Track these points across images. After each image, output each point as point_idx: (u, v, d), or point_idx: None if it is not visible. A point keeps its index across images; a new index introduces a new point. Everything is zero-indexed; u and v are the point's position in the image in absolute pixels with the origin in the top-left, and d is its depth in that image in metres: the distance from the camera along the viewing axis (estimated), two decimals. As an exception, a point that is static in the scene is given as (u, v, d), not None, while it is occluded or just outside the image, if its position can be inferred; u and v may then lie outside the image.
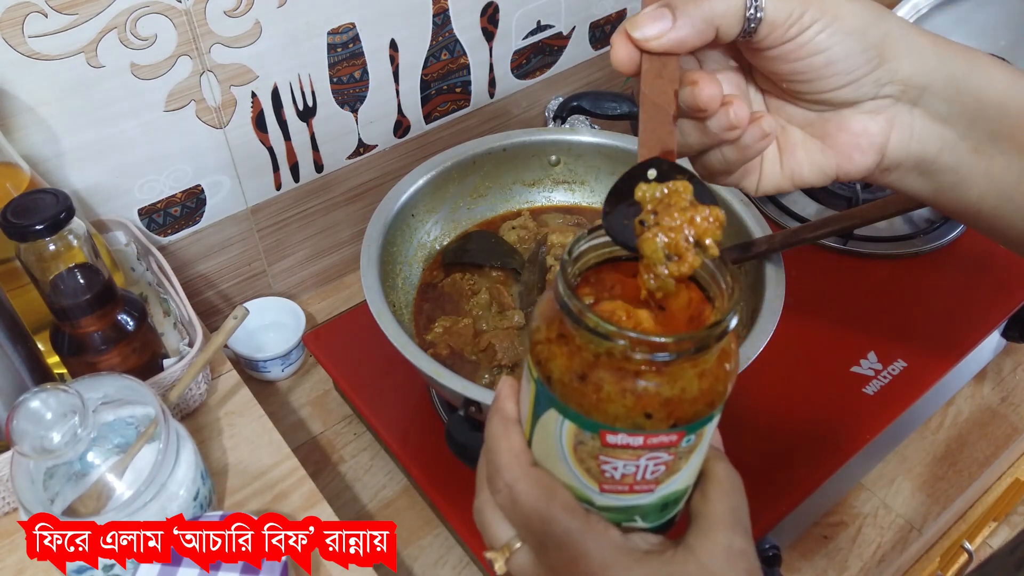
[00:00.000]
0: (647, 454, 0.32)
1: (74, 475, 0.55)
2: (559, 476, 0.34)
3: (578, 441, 0.32)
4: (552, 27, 0.96)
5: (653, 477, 0.33)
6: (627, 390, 0.30)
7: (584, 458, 0.33)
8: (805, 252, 0.84)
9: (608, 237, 0.33)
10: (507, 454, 0.35)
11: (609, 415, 0.31)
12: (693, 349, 0.30)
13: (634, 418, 0.31)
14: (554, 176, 0.83)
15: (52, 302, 0.59)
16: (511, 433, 0.35)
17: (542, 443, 0.34)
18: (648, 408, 0.30)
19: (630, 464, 0.32)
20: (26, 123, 0.66)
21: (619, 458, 0.32)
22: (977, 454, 0.81)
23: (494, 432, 0.36)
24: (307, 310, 0.91)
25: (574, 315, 0.30)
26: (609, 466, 0.32)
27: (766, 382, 0.72)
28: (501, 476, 0.35)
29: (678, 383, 0.30)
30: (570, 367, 0.31)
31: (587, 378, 0.31)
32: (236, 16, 0.71)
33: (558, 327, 0.32)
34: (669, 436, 0.31)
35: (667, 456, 0.32)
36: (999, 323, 0.81)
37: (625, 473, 0.33)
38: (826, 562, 0.73)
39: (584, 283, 0.34)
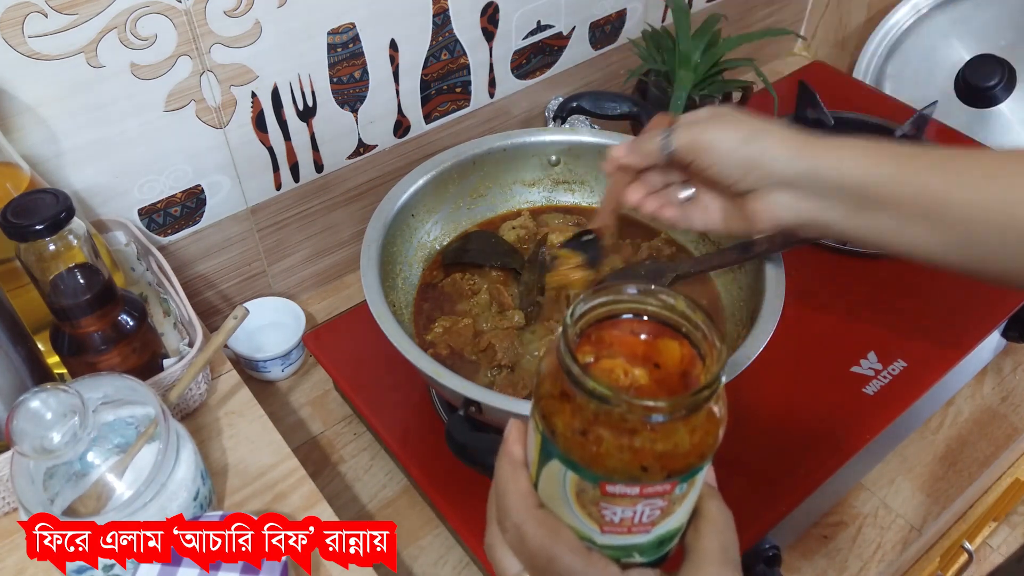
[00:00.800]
0: (644, 501, 0.35)
1: (74, 475, 0.55)
2: (563, 517, 0.37)
3: (580, 489, 0.35)
4: (552, 27, 0.96)
5: (650, 520, 0.36)
6: (624, 447, 0.33)
7: (586, 504, 0.36)
8: (805, 252, 0.84)
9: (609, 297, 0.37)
10: (515, 496, 0.39)
11: (608, 468, 0.34)
12: (685, 411, 0.33)
13: (631, 471, 0.33)
14: (554, 176, 0.83)
15: (52, 302, 0.59)
16: (518, 476, 0.39)
17: (547, 487, 0.37)
18: (644, 463, 0.33)
19: (628, 510, 0.35)
20: (26, 123, 0.66)
21: (618, 505, 0.35)
22: (977, 454, 0.81)
23: (503, 475, 0.40)
24: (307, 310, 0.92)
25: (575, 377, 0.33)
26: (609, 511, 0.35)
27: (766, 382, 0.72)
28: (510, 517, 0.39)
29: (671, 439, 0.33)
30: (572, 423, 0.34)
31: (587, 434, 0.34)
32: (236, 16, 0.71)
33: (561, 385, 0.35)
34: (664, 486, 0.34)
35: (662, 502, 0.35)
36: (999, 323, 0.81)
37: (624, 517, 0.36)
38: (826, 562, 0.73)
39: (585, 339, 0.37)
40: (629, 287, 0.37)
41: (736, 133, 0.56)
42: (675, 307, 0.36)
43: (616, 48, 1.06)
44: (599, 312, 0.37)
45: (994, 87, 1.08)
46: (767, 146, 0.55)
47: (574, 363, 0.33)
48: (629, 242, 0.79)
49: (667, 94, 0.93)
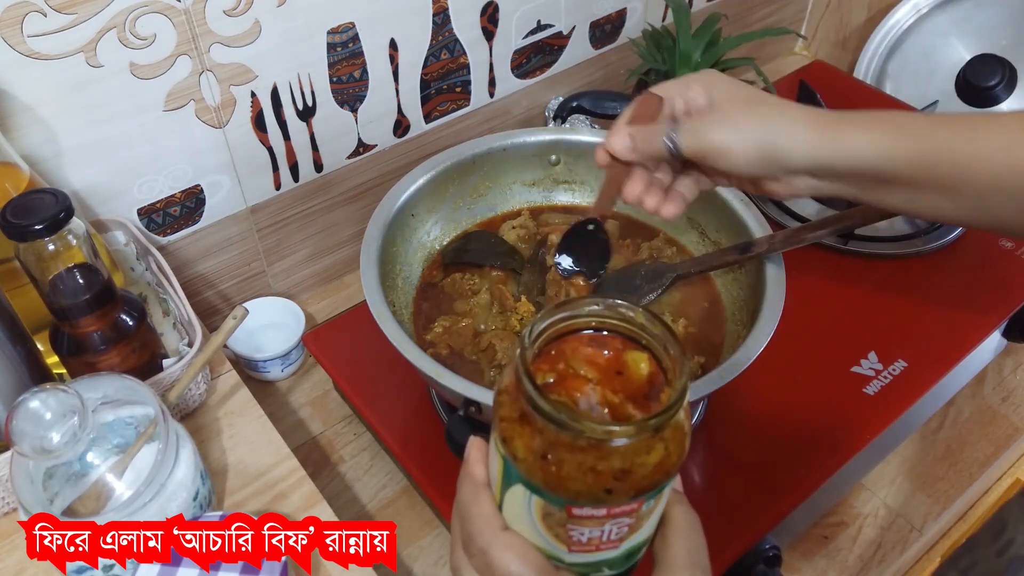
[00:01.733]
0: (611, 521, 0.34)
1: (74, 475, 0.55)
2: (529, 539, 0.36)
3: (546, 512, 0.35)
4: (552, 26, 0.96)
5: (618, 537, 0.35)
6: (587, 470, 0.32)
7: (552, 526, 0.35)
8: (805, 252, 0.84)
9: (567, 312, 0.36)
10: (479, 520, 0.38)
11: (572, 492, 0.33)
12: (649, 432, 0.32)
13: (595, 494, 0.33)
14: (554, 176, 0.83)
15: (51, 302, 0.59)
16: (481, 499, 0.38)
17: (512, 509, 0.37)
18: (608, 485, 0.32)
19: (596, 530, 0.35)
20: (25, 123, 0.66)
21: (585, 526, 0.34)
22: (977, 454, 0.81)
23: (465, 498, 0.39)
24: (307, 310, 0.91)
25: (533, 401, 0.32)
26: (576, 532, 0.35)
27: (766, 382, 0.72)
28: (475, 542, 0.38)
29: (636, 460, 0.32)
30: (532, 447, 0.33)
31: (549, 457, 0.33)
32: (235, 16, 0.71)
33: (520, 407, 0.34)
34: (631, 505, 0.34)
35: (630, 520, 0.35)
36: (1000, 323, 0.81)
37: (592, 537, 0.35)
38: (826, 562, 0.73)
39: (545, 357, 0.36)
40: (587, 302, 0.36)
41: (749, 132, 0.53)
42: (634, 320, 0.36)
43: (616, 48, 1.06)
44: (557, 328, 0.36)
45: (995, 87, 1.08)
46: (782, 141, 0.52)
47: (532, 386, 0.32)
48: (629, 242, 0.79)
49: (667, 94, 0.92)
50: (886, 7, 1.17)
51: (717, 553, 0.64)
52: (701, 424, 0.73)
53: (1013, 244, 0.88)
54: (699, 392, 0.58)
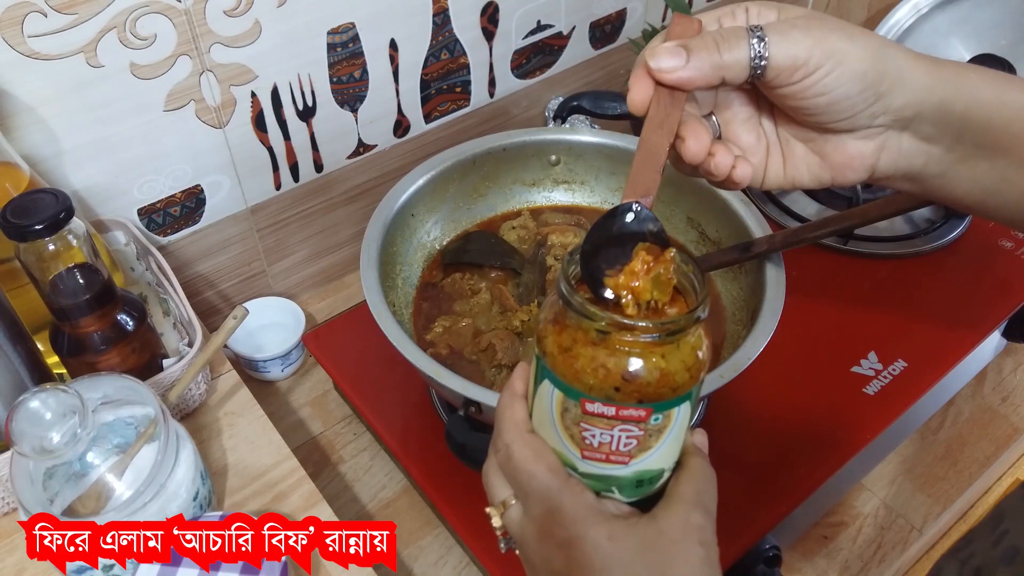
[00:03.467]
0: (619, 425, 0.37)
1: (74, 475, 0.55)
2: (549, 442, 0.40)
3: (564, 408, 0.38)
4: (552, 27, 0.96)
5: (627, 450, 0.38)
6: (598, 364, 0.36)
7: (569, 424, 0.38)
8: (805, 252, 0.84)
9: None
10: (509, 421, 0.41)
11: (585, 385, 0.36)
12: (657, 335, 0.35)
13: (605, 390, 0.36)
14: (554, 176, 0.83)
15: (51, 302, 0.59)
16: (515, 404, 0.42)
17: (538, 411, 0.40)
18: (615, 383, 0.36)
19: (606, 433, 0.37)
20: (25, 123, 0.66)
21: (596, 426, 0.37)
22: (978, 454, 0.81)
23: (502, 403, 0.42)
24: (307, 310, 0.91)
25: (563, 294, 0.36)
26: (588, 433, 0.38)
27: (767, 382, 0.72)
28: (501, 437, 0.41)
29: (642, 364, 0.36)
30: (559, 341, 0.37)
31: (570, 351, 0.37)
32: (236, 16, 0.71)
33: (556, 311, 0.38)
34: (637, 411, 0.36)
35: (637, 431, 0.37)
36: (1000, 323, 0.81)
37: (602, 441, 0.38)
38: (826, 562, 0.73)
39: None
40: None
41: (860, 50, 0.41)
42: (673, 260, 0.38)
43: (616, 48, 1.06)
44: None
45: (994, 87, 1.08)
46: (900, 69, 0.42)
47: (567, 282, 0.37)
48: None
49: (667, 94, 0.92)
50: (886, 7, 1.17)
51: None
52: (701, 424, 0.73)
53: (1013, 244, 0.88)
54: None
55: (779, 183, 0.47)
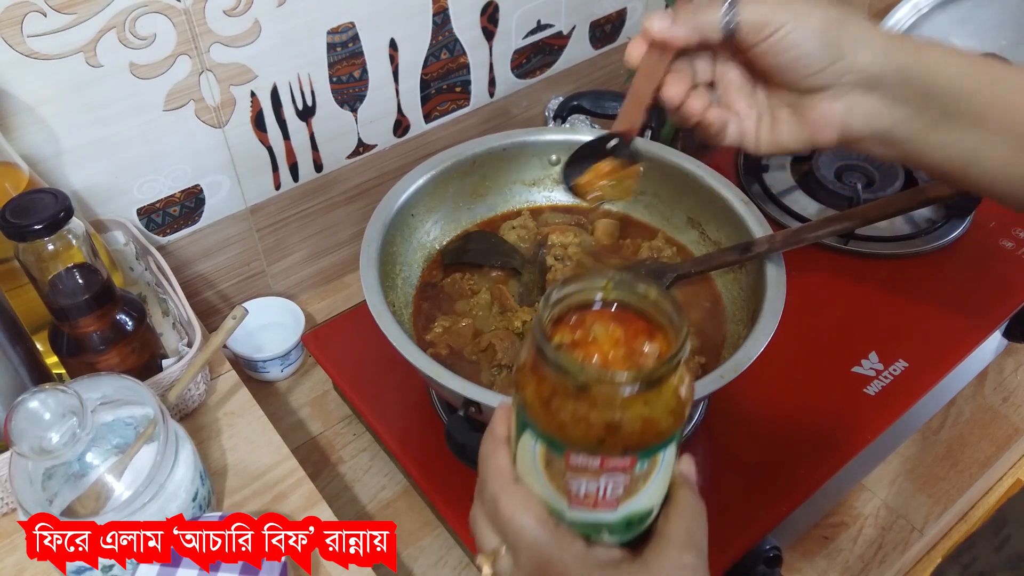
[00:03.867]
0: (605, 475, 0.36)
1: (73, 475, 0.54)
2: (536, 491, 0.39)
3: (548, 459, 0.37)
4: (552, 26, 0.96)
5: (614, 496, 0.37)
6: (580, 418, 0.35)
7: (554, 475, 0.37)
8: (806, 252, 0.84)
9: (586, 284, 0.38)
10: (494, 470, 0.41)
11: (569, 438, 0.35)
12: (638, 386, 0.34)
13: (589, 443, 0.35)
14: (554, 176, 0.83)
15: (51, 302, 0.59)
16: (499, 452, 0.41)
17: (522, 460, 0.39)
18: (599, 435, 0.35)
19: (592, 483, 0.37)
20: (25, 123, 0.66)
21: (582, 477, 0.37)
22: (978, 454, 0.81)
23: (485, 451, 0.42)
24: (306, 310, 0.91)
25: (541, 348, 0.36)
26: (575, 484, 0.37)
27: (767, 382, 0.72)
28: (487, 488, 0.41)
29: (626, 413, 0.35)
30: (539, 392, 0.36)
31: (550, 404, 0.36)
32: (235, 15, 0.71)
33: (533, 357, 0.37)
34: (623, 460, 0.36)
35: (624, 478, 0.37)
36: (1000, 323, 0.81)
37: (588, 491, 0.37)
38: (827, 563, 0.73)
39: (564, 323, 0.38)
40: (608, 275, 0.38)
41: (821, 13, 0.47)
42: (647, 296, 0.38)
43: (616, 47, 1.06)
44: (577, 298, 0.38)
45: (995, 87, 1.08)
46: (859, 33, 0.47)
47: (542, 335, 0.36)
48: (629, 242, 0.79)
49: (667, 94, 0.92)
50: (886, 7, 1.17)
51: (717, 553, 0.64)
52: (701, 424, 0.73)
53: (1013, 244, 0.88)
54: (699, 392, 0.58)
55: (769, 146, 0.53)
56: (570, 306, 0.38)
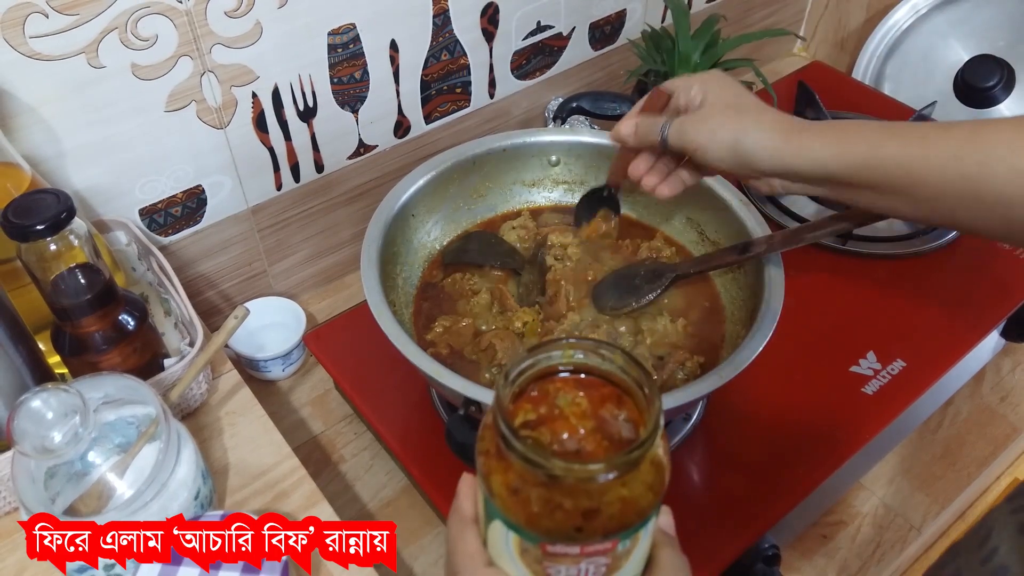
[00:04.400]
0: (586, 560, 0.34)
1: (75, 475, 0.55)
2: (512, 575, 0.37)
3: (523, 549, 0.35)
4: (552, 27, 0.97)
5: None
6: (555, 507, 0.33)
7: (530, 562, 0.35)
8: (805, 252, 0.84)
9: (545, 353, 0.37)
10: (463, 556, 0.39)
11: (543, 528, 0.33)
12: (616, 472, 0.32)
13: (565, 531, 0.33)
14: (554, 176, 0.83)
15: (53, 302, 0.60)
16: (466, 535, 0.39)
17: (494, 545, 0.37)
18: (576, 523, 0.33)
19: (572, 568, 0.35)
20: (27, 123, 0.66)
21: (561, 563, 0.35)
22: (976, 454, 0.81)
23: (452, 533, 0.40)
24: (307, 310, 0.92)
25: (505, 438, 0.33)
26: (553, 570, 0.35)
27: (765, 382, 0.72)
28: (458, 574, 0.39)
29: (603, 499, 0.33)
30: (506, 483, 0.34)
31: (519, 493, 0.34)
32: (237, 17, 0.72)
33: (497, 442, 0.34)
34: (604, 544, 0.34)
35: (606, 559, 0.35)
36: (998, 323, 0.81)
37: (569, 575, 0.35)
38: (825, 561, 0.73)
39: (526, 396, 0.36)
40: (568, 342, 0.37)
41: (722, 137, 0.59)
42: (614, 361, 0.36)
43: (616, 48, 1.06)
44: (537, 369, 0.36)
45: (993, 87, 1.08)
46: (751, 147, 0.58)
47: (505, 424, 0.33)
48: (629, 242, 0.79)
49: (667, 94, 0.93)
50: (885, 8, 1.18)
51: (716, 552, 0.64)
52: (700, 424, 0.73)
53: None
54: (698, 392, 0.58)
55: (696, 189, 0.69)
56: (531, 379, 0.36)
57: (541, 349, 0.37)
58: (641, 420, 0.35)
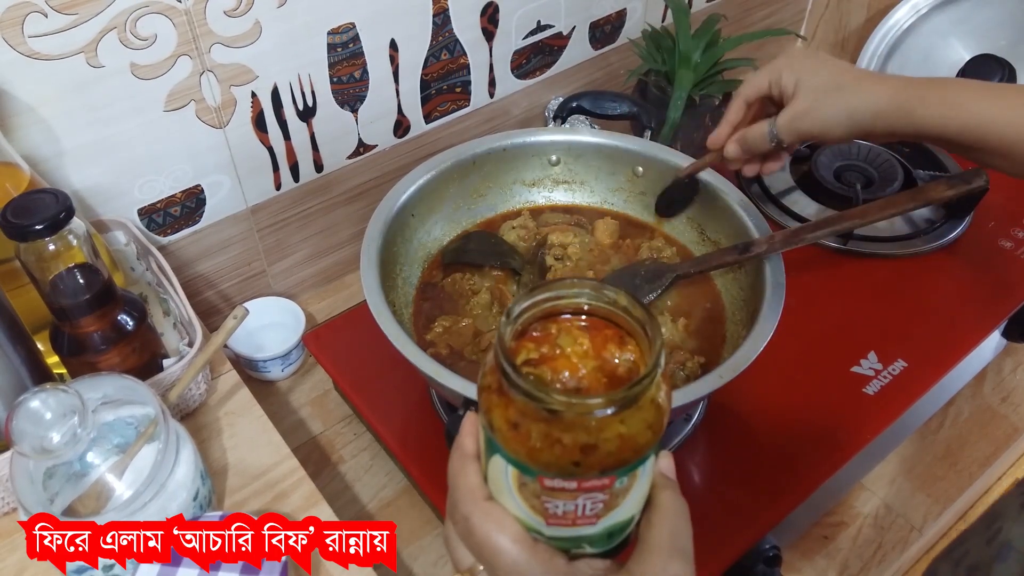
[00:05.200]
0: (583, 495, 0.35)
1: (74, 475, 0.55)
2: (510, 509, 0.37)
3: (521, 483, 0.36)
4: (552, 27, 0.96)
5: (593, 513, 0.36)
6: (554, 442, 0.33)
7: (528, 497, 0.36)
8: (805, 252, 0.84)
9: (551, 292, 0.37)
10: (463, 490, 0.39)
11: (542, 463, 0.34)
12: (613, 408, 0.33)
13: (563, 466, 0.33)
14: (554, 176, 0.83)
15: (52, 302, 0.59)
16: (468, 470, 0.40)
17: (494, 480, 0.38)
18: (574, 458, 0.33)
19: (569, 503, 0.35)
20: (26, 123, 0.66)
21: (559, 498, 0.35)
22: (977, 454, 0.81)
23: (453, 468, 0.41)
24: (307, 310, 0.91)
25: (506, 373, 0.33)
26: (551, 504, 0.35)
27: (766, 382, 0.72)
28: (459, 509, 0.39)
29: (600, 435, 0.33)
30: (506, 417, 0.34)
31: (519, 428, 0.34)
32: (236, 16, 0.71)
33: (498, 379, 0.35)
34: (601, 480, 0.34)
35: (603, 496, 0.35)
36: (999, 323, 0.81)
37: (566, 511, 0.36)
38: (826, 562, 0.73)
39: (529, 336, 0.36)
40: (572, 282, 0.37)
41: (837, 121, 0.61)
42: (617, 302, 0.36)
43: (616, 48, 1.06)
44: (540, 309, 0.37)
45: (994, 87, 1.08)
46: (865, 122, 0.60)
47: (505, 360, 0.34)
48: (629, 242, 0.79)
49: (667, 94, 0.93)
50: (885, 8, 1.18)
51: (717, 553, 0.64)
52: (701, 424, 0.73)
53: (1012, 244, 0.88)
54: (699, 392, 0.58)
55: None
56: (534, 318, 0.36)
57: (544, 288, 0.36)
58: (643, 361, 0.35)
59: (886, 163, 0.96)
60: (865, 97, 0.60)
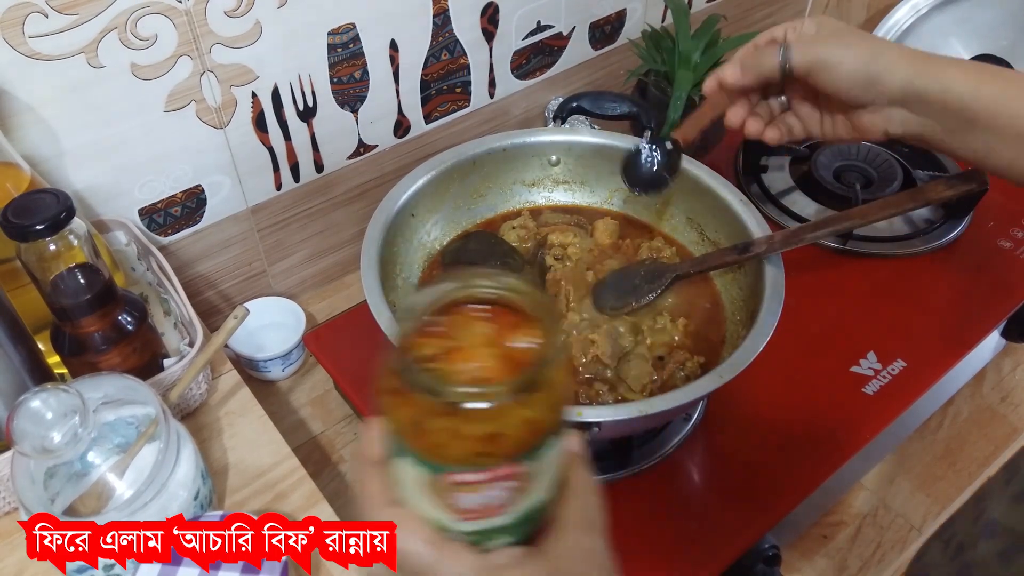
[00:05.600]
0: (494, 485, 0.34)
1: (74, 475, 0.55)
2: (421, 510, 0.37)
3: (428, 481, 0.35)
4: (552, 27, 0.97)
5: (504, 501, 0.35)
6: (456, 435, 0.32)
7: (438, 495, 0.35)
8: (805, 252, 0.84)
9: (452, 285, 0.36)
10: (367, 497, 0.39)
11: (447, 458, 0.33)
12: (510, 395, 0.32)
13: (468, 458, 0.33)
14: (554, 176, 0.83)
15: (52, 302, 0.60)
16: (367, 477, 0.39)
17: (402, 484, 0.37)
18: (477, 449, 0.32)
19: (479, 496, 0.34)
20: (26, 123, 0.66)
21: (469, 491, 0.34)
22: (976, 454, 0.81)
23: (354, 476, 0.41)
24: (307, 310, 0.92)
25: (402, 371, 0.33)
26: (462, 499, 0.35)
27: (766, 382, 0.72)
28: (363, 517, 0.39)
29: (502, 422, 0.32)
30: (407, 415, 0.34)
31: (421, 425, 0.33)
32: (236, 16, 0.72)
33: (395, 380, 0.34)
34: (509, 468, 0.34)
35: (513, 483, 0.34)
36: (999, 323, 0.81)
37: (478, 503, 0.35)
38: (826, 562, 0.73)
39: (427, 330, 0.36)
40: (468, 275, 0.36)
41: (859, 51, 0.58)
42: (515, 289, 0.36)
43: (616, 48, 1.06)
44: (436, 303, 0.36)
45: (994, 87, 1.08)
46: (889, 65, 0.58)
47: (399, 351, 0.33)
48: (629, 242, 0.79)
49: (667, 94, 0.93)
50: (885, 7, 1.18)
51: (717, 552, 0.64)
52: (700, 424, 0.73)
53: (1012, 244, 0.88)
54: (698, 392, 0.58)
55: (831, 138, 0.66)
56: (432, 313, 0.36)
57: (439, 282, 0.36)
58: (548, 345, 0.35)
59: (885, 163, 0.96)
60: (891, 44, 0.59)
